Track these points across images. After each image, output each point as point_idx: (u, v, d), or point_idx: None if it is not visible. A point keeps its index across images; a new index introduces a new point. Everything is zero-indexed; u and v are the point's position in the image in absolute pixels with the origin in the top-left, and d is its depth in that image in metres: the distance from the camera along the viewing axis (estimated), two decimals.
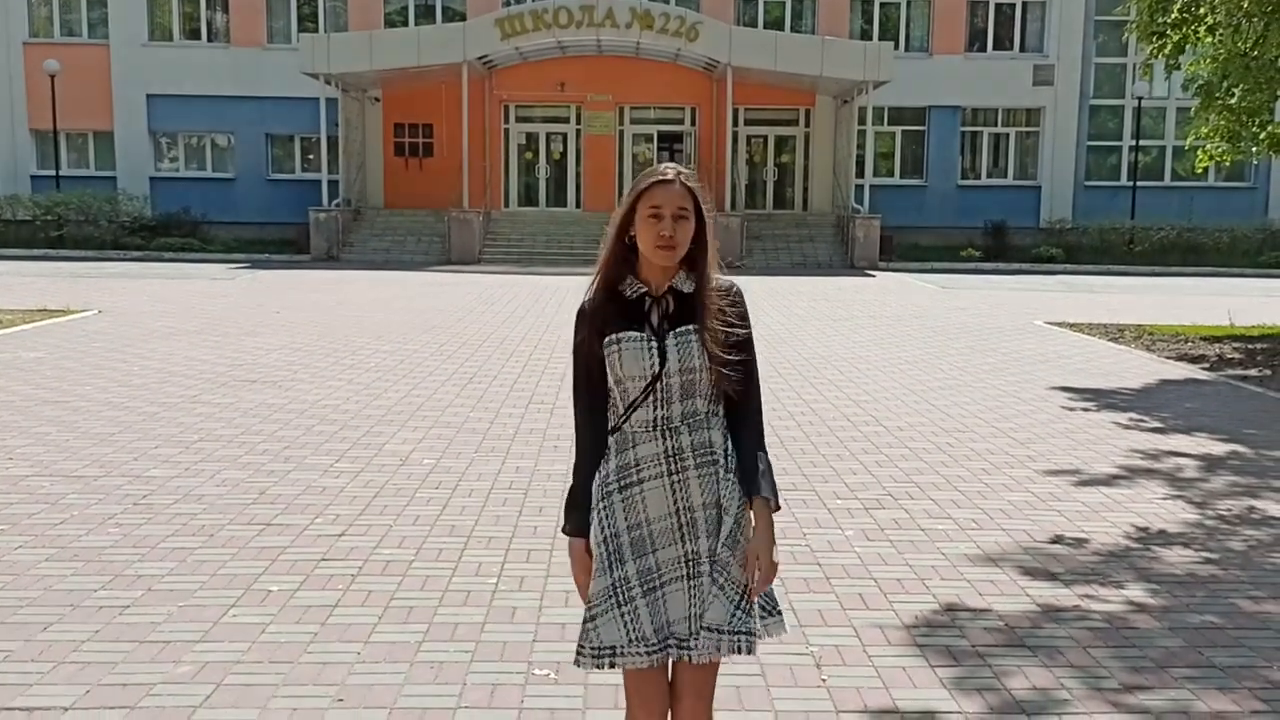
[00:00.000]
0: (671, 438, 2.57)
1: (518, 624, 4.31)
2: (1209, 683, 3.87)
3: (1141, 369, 11.36)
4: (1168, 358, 12.22)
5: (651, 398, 2.56)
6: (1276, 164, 28.08)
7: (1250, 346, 13.22)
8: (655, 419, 2.57)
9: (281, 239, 28.56)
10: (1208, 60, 14.21)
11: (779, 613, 2.70)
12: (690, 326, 2.56)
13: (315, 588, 4.67)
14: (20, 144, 30.51)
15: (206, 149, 31.40)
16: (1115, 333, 14.30)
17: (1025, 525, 5.73)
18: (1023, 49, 31.38)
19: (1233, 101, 13.92)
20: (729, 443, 2.63)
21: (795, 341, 12.96)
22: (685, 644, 2.58)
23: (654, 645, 2.57)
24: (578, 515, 2.66)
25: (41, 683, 3.73)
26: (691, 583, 2.58)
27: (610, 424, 2.63)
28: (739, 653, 2.59)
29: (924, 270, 26.62)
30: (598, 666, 2.59)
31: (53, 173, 29.52)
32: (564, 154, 31.34)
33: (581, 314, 2.62)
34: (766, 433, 2.72)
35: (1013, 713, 3.62)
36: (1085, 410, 9.00)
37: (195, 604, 4.46)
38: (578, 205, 31.01)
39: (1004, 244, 29.00)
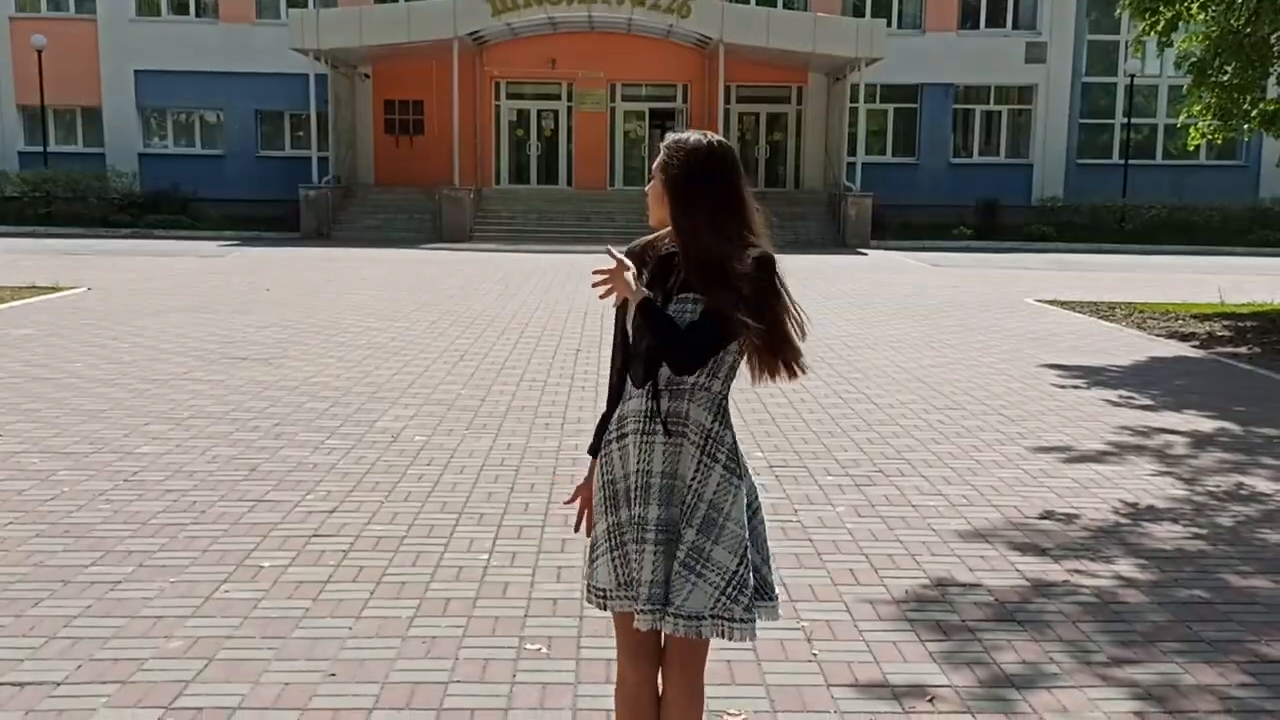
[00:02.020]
0: (649, 399, 2.60)
1: (510, 599, 4.31)
2: (1197, 657, 3.89)
3: (1132, 347, 11.39)
4: (1158, 335, 12.25)
5: (640, 356, 2.60)
6: (1268, 142, 28.09)
7: (1240, 324, 13.26)
8: (639, 377, 2.62)
9: (272, 216, 28.43)
10: (1200, 38, 14.18)
11: (774, 597, 2.72)
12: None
13: (307, 563, 4.67)
14: (7, 120, 30.32)
15: (195, 125, 31.25)
16: (1106, 310, 14.32)
17: (1015, 501, 5.75)
18: (1015, 26, 31.32)
19: (1225, 79, 13.90)
20: (716, 425, 2.60)
21: None
22: (639, 608, 2.59)
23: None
24: (596, 438, 2.77)
25: (33, 658, 3.73)
26: (636, 546, 2.58)
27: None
28: (727, 638, 2.59)
29: (916, 248, 26.62)
30: (599, 606, 2.67)
31: (40, 149, 29.36)
32: (555, 131, 31.24)
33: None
34: (760, 410, 2.73)
35: (1002, 686, 3.64)
36: (1076, 387, 9.03)
37: (187, 580, 4.46)
38: (569, 183, 30.94)
39: (995, 222, 29.02)
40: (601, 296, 2.58)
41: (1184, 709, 3.50)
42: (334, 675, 3.64)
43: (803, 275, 18.79)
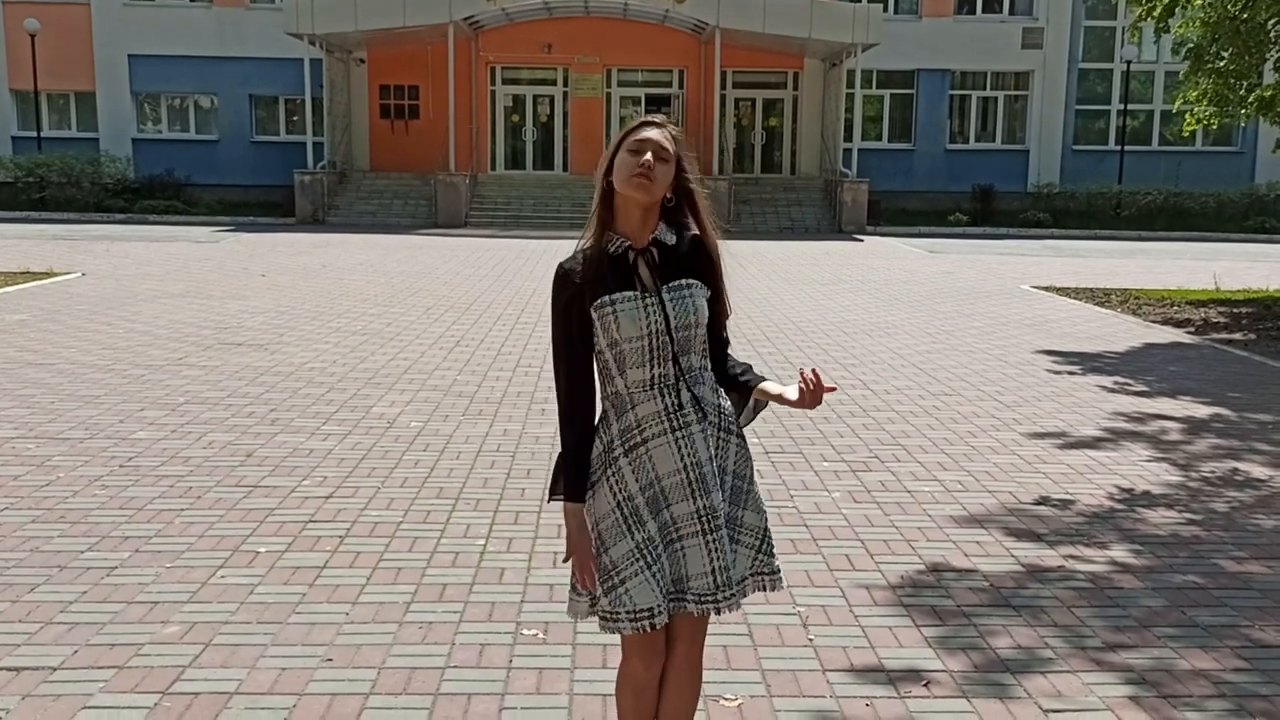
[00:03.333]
0: (670, 394, 2.54)
1: (506, 585, 4.32)
2: (1191, 641, 3.91)
3: (1127, 333, 11.40)
4: (1153, 322, 12.27)
5: (648, 357, 2.53)
6: (1264, 129, 28.08)
7: (1235, 310, 13.28)
8: (652, 378, 2.53)
9: (266, 202, 28.38)
10: (1197, 23, 14.16)
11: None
12: (684, 281, 2.55)
13: (303, 549, 4.67)
14: (1, 105, 30.15)
15: (190, 110, 31.09)
16: (1101, 297, 14.33)
17: (1011, 487, 5.77)
18: (1012, 12, 31.23)
19: (1221, 65, 13.89)
20: (720, 399, 2.63)
21: (783, 306, 12.96)
22: (707, 598, 2.56)
23: (673, 596, 2.58)
24: (574, 480, 2.57)
25: (29, 643, 3.73)
26: (709, 538, 2.54)
27: (606, 387, 2.60)
28: (769, 590, 2.68)
29: (911, 234, 26.61)
30: (637, 630, 2.53)
31: (34, 134, 29.21)
32: (551, 117, 31.14)
33: (564, 277, 2.55)
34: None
35: (997, 671, 3.65)
36: (1071, 374, 9.04)
37: (183, 565, 4.46)
38: (565, 169, 30.85)
39: (991, 208, 29.01)
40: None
41: (1178, 693, 3.52)
42: (330, 660, 3.65)
43: (799, 261, 18.79)
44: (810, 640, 3.86)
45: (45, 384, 7.86)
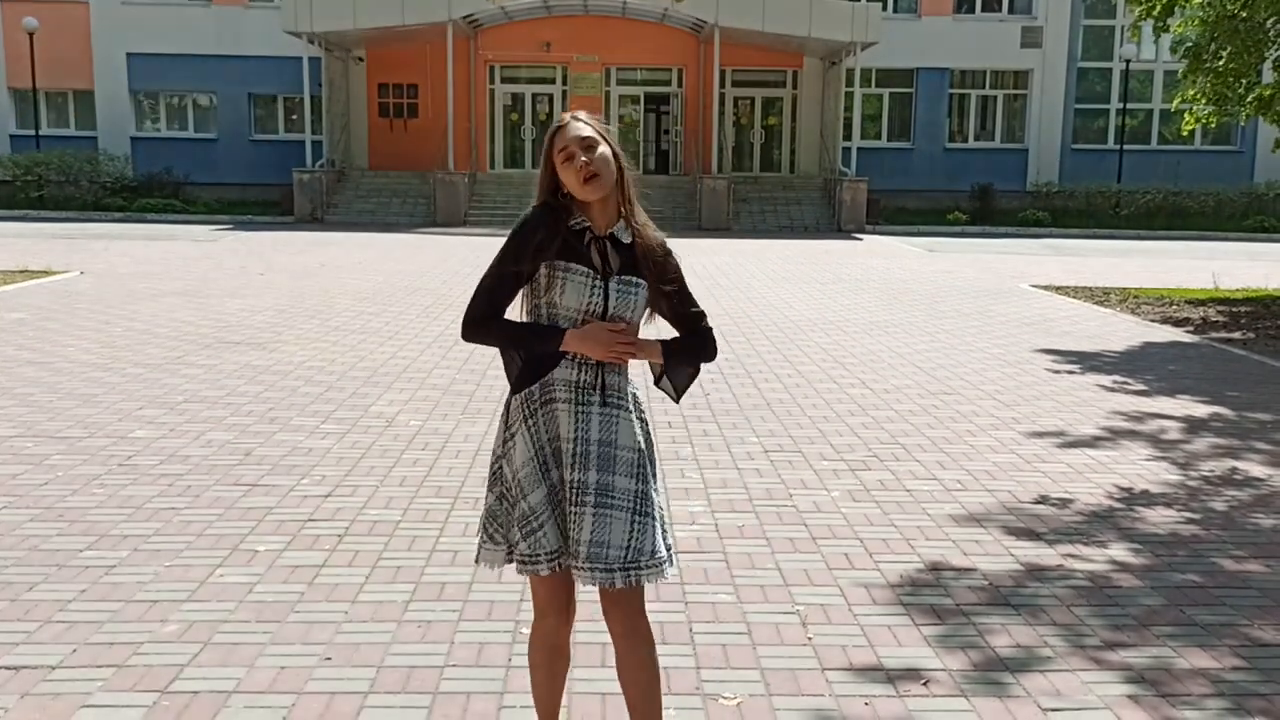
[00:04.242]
0: (583, 372, 2.69)
1: (505, 584, 4.31)
2: (1190, 640, 3.90)
3: (1126, 332, 11.40)
4: (1152, 321, 12.27)
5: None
6: (1263, 128, 28.07)
7: (1234, 309, 13.28)
8: (573, 352, 2.68)
9: (265, 200, 28.37)
10: (1196, 22, 14.17)
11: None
12: (634, 279, 2.70)
13: (302, 548, 4.67)
14: None
15: (188, 109, 31.09)
16: (1100, 296, 14.33)
17: (1010, 486, 5.77)
18: (1011, 11, 31.25)
19: (1220, 64, 13.89)
20: (630, 386, 2.77)
21: (782, 304, 12.96)
22: (578, 565, 2.68)
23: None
24: (542, 351, 2.71)
25: (28, 641, 3.73)
26: (573, 510, 2.67)
27: None
28: (663, 574, 2.72)
29: (910, 233, 26.60)
30: (553, 570, 2.70)
31: (32, 132, 29.20)
32: (550, 115, 31.11)
33: (538, 219, 2.69)
34: (755, 395, 2.77)
35: (996, 669, 3.65)
36: (1070, 373, 9.04)
37: (182, 564, 4.46)
38: None
39: (990, 207, 29.02)
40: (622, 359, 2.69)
41: (1176, 692, 3.52)
42: (329, 659, 3.65)
43: (797, 260, 18.79)
44: (809, 639, 3.86)
45: (43, 382, 7.85)
